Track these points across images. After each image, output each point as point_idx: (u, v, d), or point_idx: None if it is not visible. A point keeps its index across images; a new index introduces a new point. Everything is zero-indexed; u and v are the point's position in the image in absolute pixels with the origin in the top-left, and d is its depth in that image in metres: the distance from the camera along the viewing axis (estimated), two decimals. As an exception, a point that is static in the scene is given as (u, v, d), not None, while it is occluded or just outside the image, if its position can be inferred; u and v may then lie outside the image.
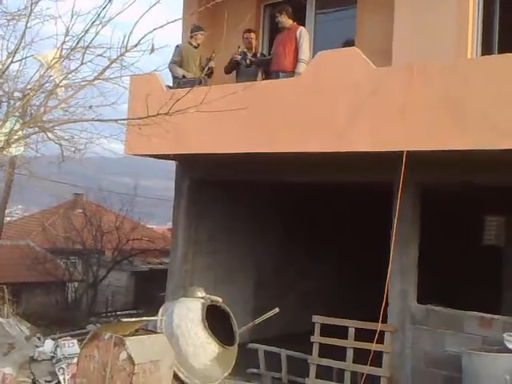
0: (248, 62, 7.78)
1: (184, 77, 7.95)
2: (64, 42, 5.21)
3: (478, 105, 5.50)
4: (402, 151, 5.73)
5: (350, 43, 7.35)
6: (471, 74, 5.60)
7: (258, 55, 8.09)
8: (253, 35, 8.12)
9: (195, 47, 8.23)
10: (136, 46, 5.26)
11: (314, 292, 10.84)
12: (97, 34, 5.50)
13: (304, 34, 7.30)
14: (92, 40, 5.48)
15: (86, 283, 16.95)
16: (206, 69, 7.68)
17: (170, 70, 8.17)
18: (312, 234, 10.89)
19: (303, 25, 7.88)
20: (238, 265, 10.05)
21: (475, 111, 5.50)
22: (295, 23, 7.46)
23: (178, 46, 8.39)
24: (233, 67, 8.01)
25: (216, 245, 9.69)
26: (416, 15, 6.68)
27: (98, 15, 5.26)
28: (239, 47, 7.87)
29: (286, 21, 7.43)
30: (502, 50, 6.43)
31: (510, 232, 10.76)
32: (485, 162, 6.00)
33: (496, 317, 6.18)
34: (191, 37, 8.24)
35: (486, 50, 6.54)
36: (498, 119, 5.38)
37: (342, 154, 6.38)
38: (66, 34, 5.12)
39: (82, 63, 5.63)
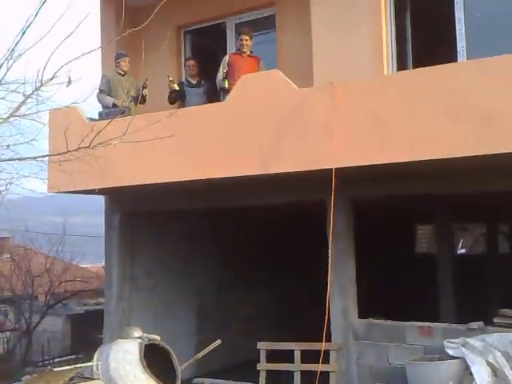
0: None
1: (115, 105, 7.69)
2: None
3: (396, 119, 5.62)
4: (331, 169, 5.77)
5: (273, 67, 7.41)
6: (388, 89, 5.75)
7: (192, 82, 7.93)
8: (193, 62, 7.99)
9: (122, 75, 7.99)
10: (52, 79, 5.04)
11: (258, 318, 10.65)
12: (8, 69, 5.25)
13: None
14: (4, 75, 5.23)
15: (18, 331, 16.08)
16: (140, 96, 7.47)
17: (99, 101, 7.90)
18: (250, 259, 10.76)
19: (225, 50, 7.90)
20: (178, 298, 9.70)
21: (394, 125, 5.62)
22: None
23: (104, 75, 8.14)
24: (176, 97, 7.81)
25: (154, 279, 9.33)
26: (332, 35, 6.85)
27: (12, 50, 5.03)
28: (169, 76, 7.71)
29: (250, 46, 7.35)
30: (416, 64, 6.68)
31: (439, 238, 11.07)
32: (408, 174, 6.14)
33: (434, 324, 6.28)
34: (116, 64, 8.01)
35: (402, 64, 6.76)
36: (414, 132, 5.51)
37: (271, 176, 6.36)
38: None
39: (-5, 100, 5.34)
